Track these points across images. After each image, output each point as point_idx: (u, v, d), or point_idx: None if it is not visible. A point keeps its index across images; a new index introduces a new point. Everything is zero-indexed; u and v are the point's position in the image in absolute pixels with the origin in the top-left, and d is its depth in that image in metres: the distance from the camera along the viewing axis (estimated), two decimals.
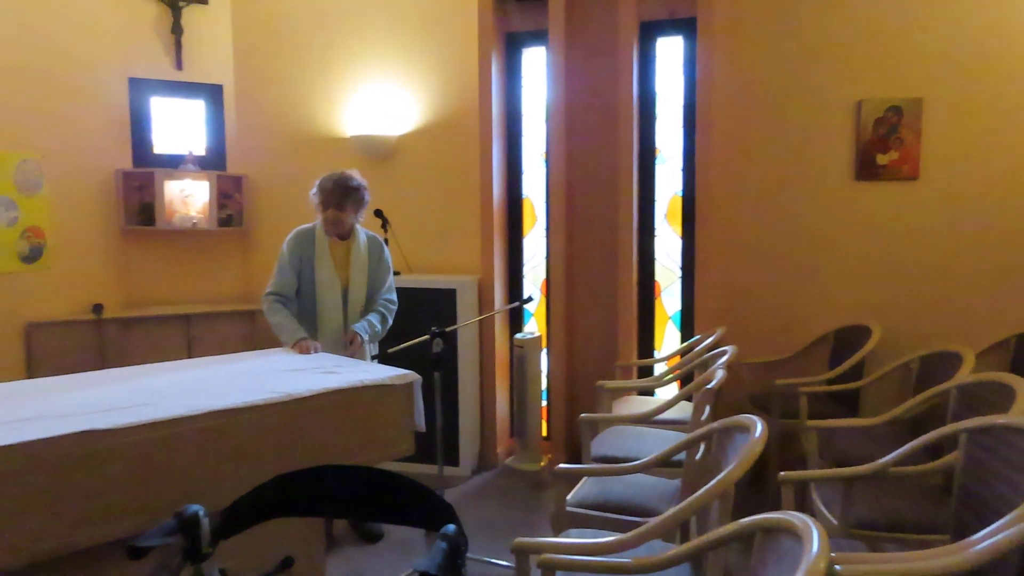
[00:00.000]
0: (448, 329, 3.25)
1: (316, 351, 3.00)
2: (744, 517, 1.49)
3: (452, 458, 4.31)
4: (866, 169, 3.90)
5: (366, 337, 3.22)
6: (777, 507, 1.46)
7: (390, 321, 3.36)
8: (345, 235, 3.28)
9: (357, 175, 3.26)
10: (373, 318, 3.28)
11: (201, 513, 1.62)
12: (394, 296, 3.42)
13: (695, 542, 1.56)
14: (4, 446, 1.68)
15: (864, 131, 3.87)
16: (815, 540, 1.21)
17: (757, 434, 1.79)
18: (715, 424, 2.07)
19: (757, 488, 3.55)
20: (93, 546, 1.83)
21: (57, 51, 4.36)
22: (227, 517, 1.71)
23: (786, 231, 4.08)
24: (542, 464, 4.41)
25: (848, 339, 3.89)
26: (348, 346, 3.18)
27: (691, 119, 4.22)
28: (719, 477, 1.70)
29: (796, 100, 4.01)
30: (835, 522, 2.40)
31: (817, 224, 4.02)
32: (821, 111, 3.97)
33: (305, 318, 3.24)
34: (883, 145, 3.86)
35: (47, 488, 1.74)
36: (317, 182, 3.24)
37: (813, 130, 3.99)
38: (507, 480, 4.33)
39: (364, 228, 3.40)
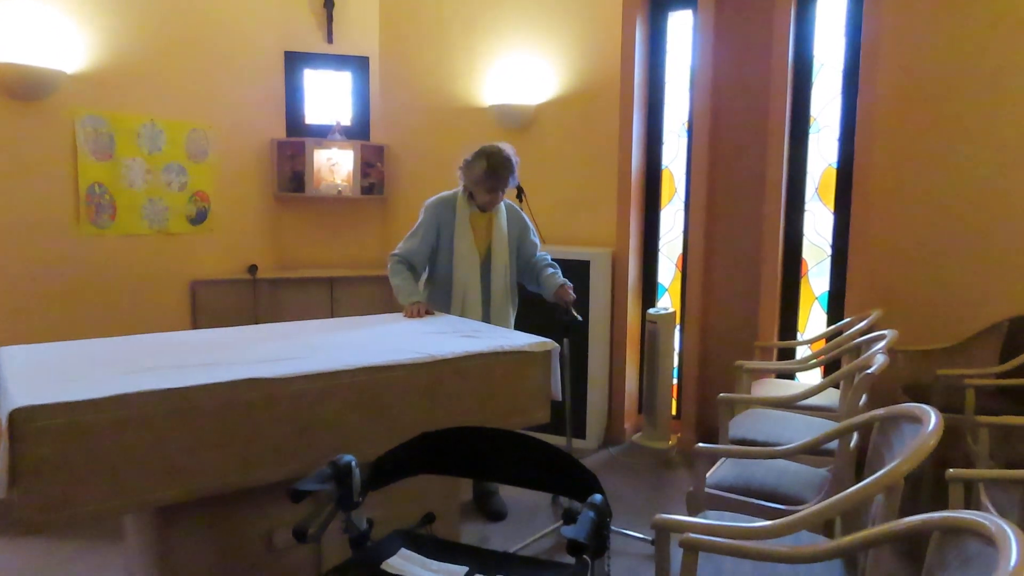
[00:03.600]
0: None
1: (427, 314, 3.02)
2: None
3: (579, 431, 4.30)
4: None
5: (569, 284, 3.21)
6: (931, 508, 1.32)
7: None
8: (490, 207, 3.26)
9: (512, 150, 3.19)
10: (557, 269, 3.26)
11: (354, 463, 1.69)
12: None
13: (860, 535, 1.44)
14: (177, 388, 1.82)
15: None
16: (1014, 547, 1.08)
17: (931, 426, 1.63)
18: (879, 412, 1.91)
19: (906, 486, 3.28)
20: (256, 486, 1.96)
21: (223, 27, 4.66)
22: (376, 469, 1.77)
23: (957, 207, 3.69)
24: (671, 443, 4.31)
25: None
26: (568, 298, 3.14)
27: (852, 84, 3.90)
28: (887, 468, 1.56)
29: (975, 60, 3.59)
30: None
31: (995, 200, 3.61)
32: (1005, 73, 3.54)
33: (440, 289, 3.25)
34: None
35: (214, 429, 1.87)
36: (473, 159, 3.14)
37: (994, 95, 3.57)
38: (633, 456, 4.27)
39: None
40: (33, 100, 3.88)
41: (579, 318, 3.15)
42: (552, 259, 3.38)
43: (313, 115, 5.09)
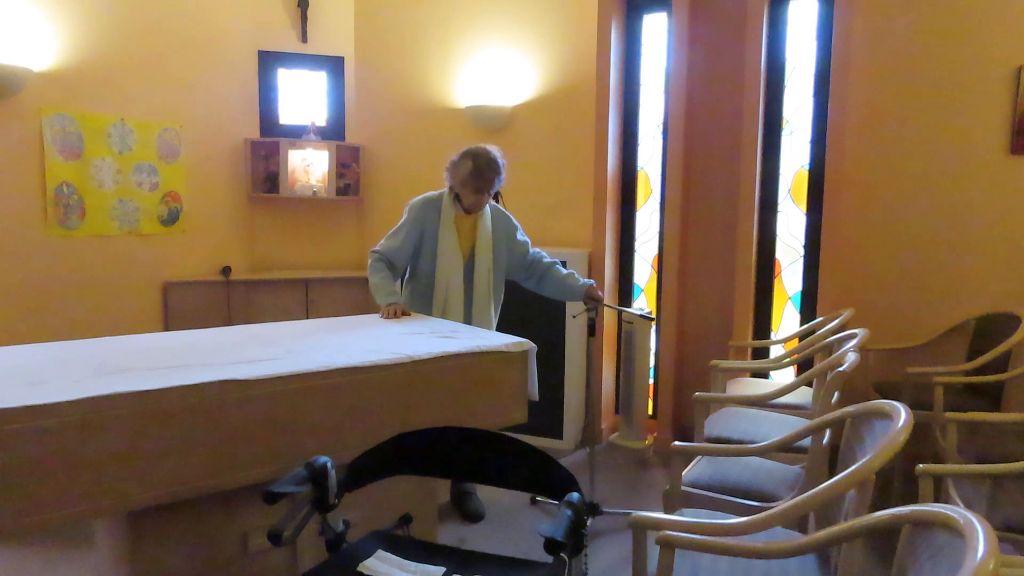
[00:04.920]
0: None
1: (403, 316, 2.99)
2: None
3: (556, 431, 4.31)
4: None
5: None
6: (902, 502, 1.34)
7: None
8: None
9: (498, 152, 3.16)
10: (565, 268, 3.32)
11: (329, 465, 1.68)
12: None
13: (832, 530, 1.46)
14: (149, 390, 1.79)
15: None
16: (981, 538, 1.10)
17: (901, 422, 1.66)
18: (850, 408, 1.94)
19: (878, 482, 3.34)
20: (230, 489, 1.94)
21: (196, 26, 4.60)
22: (353, 471, 1.76)
23: (925, 209, 3.77)
24: (647, 442, 4.33)
25: (992, 328, 3.57)
26: (597, 297, 3.24)
27: (823, 88, 3.96)
28: (858, 464, 1.59)
29: (945, 65, 3.67)
30: None
31: (962, 202, 3.70)
32: (973, 78, 3.62)
33: (422, 289, 3.20)
34: None
35: (189, 432, 1.84)
36: (459, 160, 3.10)
37: (963, 99, 3.65)
38: (610, 456, 4.29)
39: None
40: None
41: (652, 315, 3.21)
42: None
43: (287, 115, 5.04)
